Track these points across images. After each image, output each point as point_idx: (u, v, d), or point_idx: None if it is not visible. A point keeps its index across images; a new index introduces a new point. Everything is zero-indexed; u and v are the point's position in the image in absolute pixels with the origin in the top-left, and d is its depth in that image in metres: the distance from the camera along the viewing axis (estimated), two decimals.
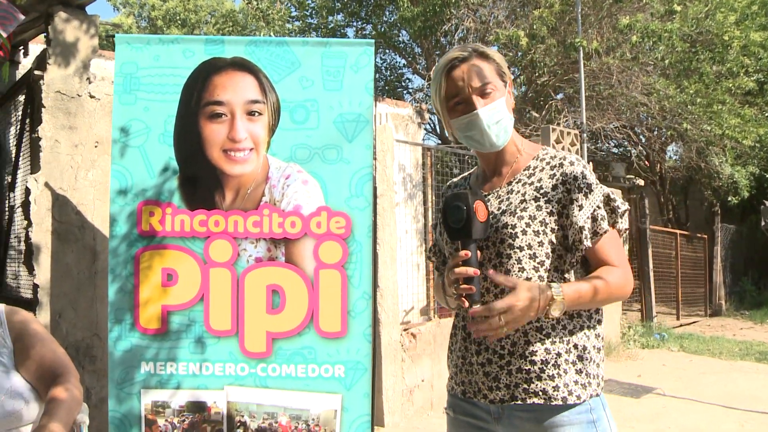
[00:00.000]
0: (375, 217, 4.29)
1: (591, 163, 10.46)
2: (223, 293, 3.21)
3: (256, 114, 3.26)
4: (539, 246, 1.81)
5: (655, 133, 14.46)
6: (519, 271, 1.81)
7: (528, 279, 1.80)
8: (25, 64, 5.14)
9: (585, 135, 9.67)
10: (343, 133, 3.29)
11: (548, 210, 1.82)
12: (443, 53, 13.07)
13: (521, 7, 11.67)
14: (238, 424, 3.22)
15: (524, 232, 1.81)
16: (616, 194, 1.91)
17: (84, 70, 4.07)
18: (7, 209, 4.77)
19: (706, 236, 15.52)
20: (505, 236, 1.83)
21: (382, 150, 5.69)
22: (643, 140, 15.12)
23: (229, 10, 18.56)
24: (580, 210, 1.79)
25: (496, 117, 1.86)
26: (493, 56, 1.91)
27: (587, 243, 1.79)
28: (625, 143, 15.70)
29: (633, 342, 9.53)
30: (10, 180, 4.67)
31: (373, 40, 3.66)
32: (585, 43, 9.53)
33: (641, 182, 15.78)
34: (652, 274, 11.75)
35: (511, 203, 1.88)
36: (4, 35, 3.69)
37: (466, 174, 2.18)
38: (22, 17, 3.72)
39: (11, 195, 4.65)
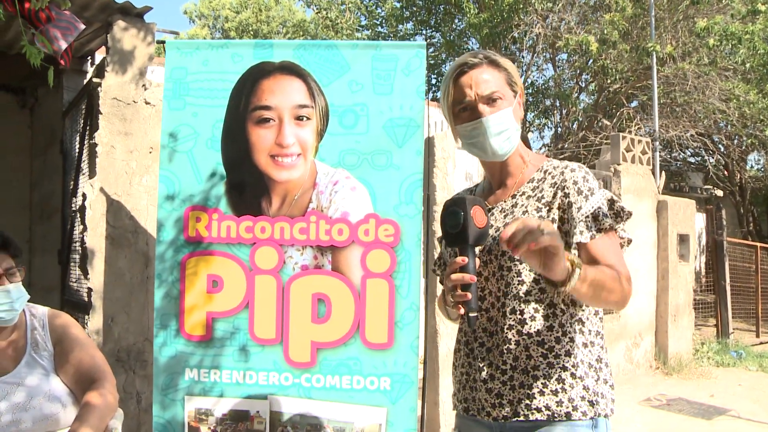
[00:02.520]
0: (428, 225, 4.16)
1: (664, 172, 10.04)
2: (268, 301, 3.15)
3: (305, 119, 3.19)
4: None
5: (735, 141, 13.81)
6: (519, 284, 1.79)
7: (528, 292, 1.78)
8: (91, 73, 5.26)
9: (657, 143, 9.30)
10: (393, 138, 3.19)
11: (550, 219, 1.79)
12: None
13: (592, 12, 11.37)
14: None
15: None
16: (685, 205, 1.78)
17: (140, 76, 4.11)
18: (71, 214, 4.87)
19: None
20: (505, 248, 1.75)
21: (442, 157, 5.56)
22: (722, 149, 14.48)
23: (300, 20, 18.82)
24: (579, 211, 1.75)
25: (500, 127, 1.83)
26: (504, 65, 1.88)
27: (584, 239, 1.72)
28: (702, 152, 15.08)
29: (707, 359, 9.05)
30: (73, 185, 4.78)
31: (424, 42, 3.55)
32: (658, 47, 9.17)
33: (720, 192, 15.12)
34: (728, 288, 11.17)
35: (514, 216, 1.85)
36: (65, 44, 3.76)
37: (471, 186, 2.16)
38: (83, 27, 3.78)
39: (74, 200, 4.75)
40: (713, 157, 14.64)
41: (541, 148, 14.18)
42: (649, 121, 10.86)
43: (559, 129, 12.93)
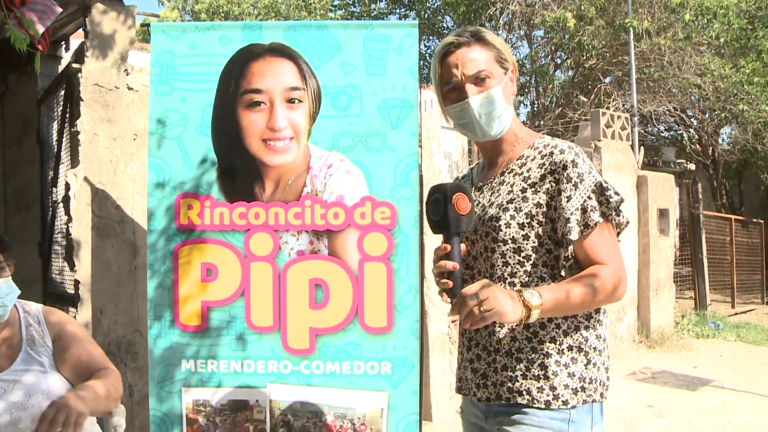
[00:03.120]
0: (421, 207, 4.12)
1: (643, 148, 10.11)
2: (264, 288, 3.09)
3: (296, 101, 3.12)
4: (524, 240, 1.74)
5: (708, 115, 13.95)
6: (503, 266, 1.76)
7: (513, 273, 1.75)
8: (66, 58, 5.10)
9: (635, 119, 9.35)
10: (387, 119, 3.13)
11: (535, 201, 1.74)
12: None
13: None
14: (282, 423, 3.11)
15: (508, 225, 1.74)
16: (664, 180, 1.76)
17: (122, 62, 3.99)
18: (50, 205, 4.76)
19: (762, 221, 14.93)
20: (489, 229, 1.77)
21: (427, 137, 5.53)
22: (695, 123, 14.63)
23: (272, 0, 18.53)
24: (568, 201, 1.69)
25: (488, 107, 1.79)
26: (493, 41, 1.83)
27: (573, 236, 1.68)
28: (676, 127, 15.22)
29: (687, 331, 9.19)
30: (52, 175, 4.65)
31: (416, 22, 3.49)
32: (635, 23, 9.18)
33: (692, 166, 15.29)
34: (705, 261, 11.34)
35: (500, 195, 1.81)
36: (42, 29, 3.64)
37: (474, 165, 2.12)
38: (60, 10, 3.66)
39: (54, 190, 4.63)
40: (687, 132, 14.78)
41: None
42: (626, 97, 10.91)
43: (536, 106, 12.95)
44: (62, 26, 4.72)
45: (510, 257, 1.74)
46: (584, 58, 11.13)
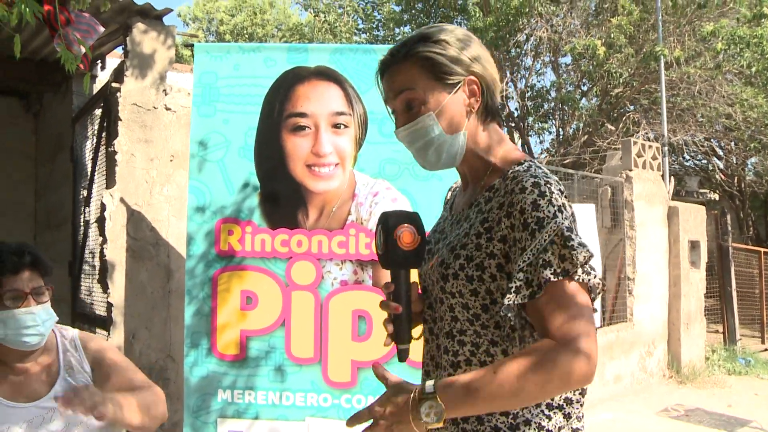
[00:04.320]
0: None
1: (674, 178, 9.97)
2: (305, 318, 3.00)
3: (342, 126, 3.05)
4: (471, 295, 1.39)
5: (737, 145, 13.78)
6: (452, 321, 1.43)
7: (462, 331, 1.41)
8: (102, 78, 5.09)
9: (666, 148, 9.22)
10: None
11: (488, 251, 1.37)
12: (513, 65, 12.86)
13: (595, 17, 11.29)
14: None
15: (455, 276, 1.40)
16: (695, 211, 1.29)
17: (161, 81, 3.95)
18: (82, 225, 4.70)
19: None
20: (439, 276, 1.43)
21: None
22: (720, 153, 14.46)
23: (296, 23, 18.67)
24: (521, 253, 1.31)
25: (418, 140, 1.45)
26: (431, 54, 1.43)
27: (514, 298, 1.29)
28: (699, 156, 15.05)
29: (717, 367, 8.95)
30: (85, 194, 4.60)
31: None
32: (666, 52, 9.08)
33: (716, 197, 15.09)
34: (735, 294, 11.10)
35: (458, 234, 1.46)
36: (85, 48, 3.61)
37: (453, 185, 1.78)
38: (102, 29, 3.64)
39: (86, 210, 4.58)
40: (711, 162, 14.61)
41: (541, 153, 14.11)
42: (655, 126, 10.79)
43: (561, 134, 12.86)
44: (100, 45, 4.70)
45: (459, 312, 1.41)
46: (611, 86, 11.03)
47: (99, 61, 5.13)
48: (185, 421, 3.04)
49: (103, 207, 3.77)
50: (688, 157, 15.39)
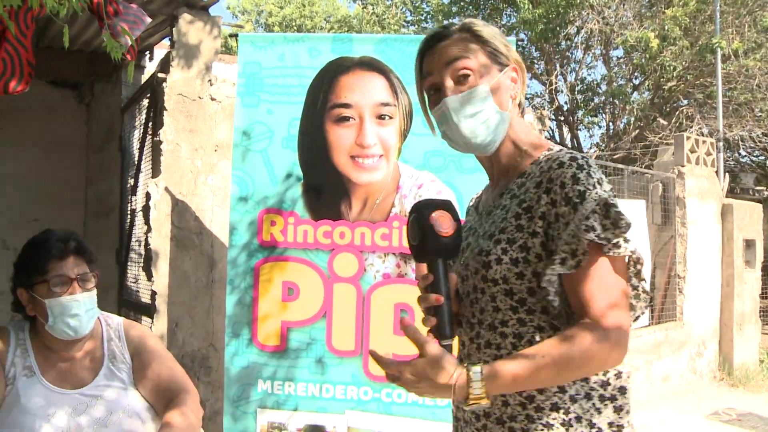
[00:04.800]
0: None
1: (728, 174, 9.66)
2: (347, 310, 2.98)
3: (387, 117, 3.00)
4: (517, 279, 1.36)
5: None
6: (494, 311, 1.40)
7: (504, 321, 1.38)
8: (150, 69, 5.15)
9: (721, 144, 8.93)
10: None
11: (530, 230, 1.36)
12: (563, 57, 12.64)
13: (648, 8, 11.00)
14: None
15: (498, 261, 1.38)
16: (751, 209, 1.27)
17: (206, 72, 3.97)
18: (129, 213, 4.77)
19: None
20: (479, 265, 1.42)
21: None
22: None
23: (344, 15, 18.69)
24: (566, 228, 1.30)
25: (470, 108, 1.42)
26: (483, 33, 1.46)
27: (559, 268, 1.29)
28: (756, 153, 14.56)
29: None
30: (132, 183, 4.67)
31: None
32: (723, 43, 8.79)
33: None
34: None
35: (493, 223, 1.45)
36: (133, 38, 3.65)
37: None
38: (149, 20, 3.67)
39: (133, 198, 4.64)
40: None
41: (591, 148, 13.84)
42: (710, 120, 10.47)
43: (611, 128, 12.59)
44: (148, 36, 4.75)
45: (501, 301, 1.39)
46: (664, 79, 10.74)
47: (147, 52, 5.19)
48: (225, 410, 3.05)
49: (148, 196, 3.80)
50: (744, 153, 14.92)
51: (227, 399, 3.05)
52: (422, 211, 1.39)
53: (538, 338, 1.35)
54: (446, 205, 1.41)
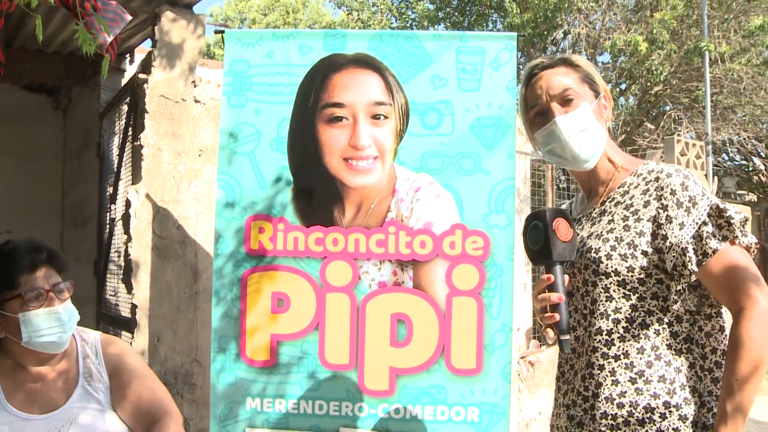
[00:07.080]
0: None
1: (716, 177, 9.63)
2: (340, 322, 2.83)
3: (382, 117, 2.86)
4: (628, 271, 1.60)
5: None
6: (607, 300, 1.63)
7: (617, 309, 1.62)
8: (130, 73, 4.98)
9: (710, 147, 8.91)
10: (481, 139, 2.86)
11: (638, 230, 1.61)
12: None
13: (635, 12, 11.00)
14: None
15: (609, 257, 1.62)
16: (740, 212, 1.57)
17: (190, 72, 3.80)
18: (108, 222, 4.59)
19: None
20: (589, 261, 1.65)
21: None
22: (762, 153, 14.04)
23: (329, 22, 18.64)
24: (681, 229, 1.55)
25: (578, 126, 1.69)
26: (580, 63, 1.77)
27: (692, 267, 1.52)
28: (738, 157, 14.64)
29: None
30: (111, 191, 4.48)
31: (515, 34, 3.21)
32: (712, 47, 8.76)
33: (754, 198, 14.65)
34: None
35: (600, 225, 1.70)
36: (112, 36, 3.49)
37: (572, 199, 2.02)
38: (129, 17, 3.52)
39: (112, 207, 4.46)
40: (750, 162, 14.21)
41: None
42: (697, 125, 10.47)
43: None
44: (129, 38, 4.59)
45: (614, 291, 1.62)
46: (651, 83, 10.73)
47: (128, 55, 5.03)
48: (211, 430, 2.89)
49: (128, 204, 3.63)
50: (726, 157, 15.00)
51: (213, 418, 2.89)
52: (544, 217, 1.61)
53: (648, 321, 1.59)
54: (564, 213, 1.64)
